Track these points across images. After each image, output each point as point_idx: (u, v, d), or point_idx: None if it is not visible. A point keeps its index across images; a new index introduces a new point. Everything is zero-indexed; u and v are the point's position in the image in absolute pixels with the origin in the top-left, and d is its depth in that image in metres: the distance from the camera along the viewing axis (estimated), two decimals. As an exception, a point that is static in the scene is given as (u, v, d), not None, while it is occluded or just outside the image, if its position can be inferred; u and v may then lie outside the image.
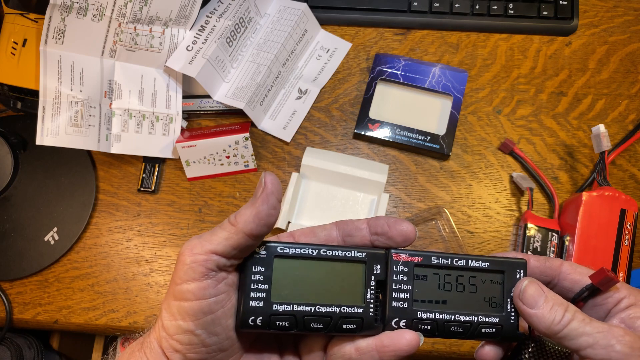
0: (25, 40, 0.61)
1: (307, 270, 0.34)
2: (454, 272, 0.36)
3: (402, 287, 0.35)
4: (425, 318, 0.35)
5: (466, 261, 0.36)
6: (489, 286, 0.36)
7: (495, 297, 0.36)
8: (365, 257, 0.35)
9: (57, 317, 0.61)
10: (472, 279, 0.36)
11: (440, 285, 0.36)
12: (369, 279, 0.35)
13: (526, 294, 0.35)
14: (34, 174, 0.63)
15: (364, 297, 0.34)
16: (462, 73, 0.64)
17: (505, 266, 0.36)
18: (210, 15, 0.61)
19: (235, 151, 0.63)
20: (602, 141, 0.57)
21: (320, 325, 0.34)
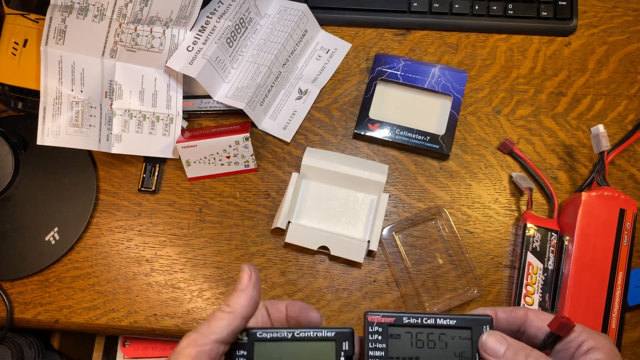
0: (26, 40, 0.61)
1: (284, 351, 0.38)
2: (425, 329, 0.39)
3: (378, 346, 0.38)
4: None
5: (435, 320, 0.39)
6: (458, 342, 0.39)
7: (465, 352, 0.38)
8: (335, 335, 0.38)
9: (57, 316, 0.61)
10: (442, 336, 0.39)
11: (413, 342, 0.38)
12: (339, 355, 0.38)
13: (488, 345, 0.37)
14: (34, 174, 0.64)
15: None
16: (461, 73, 0.65)
17: (472, 323, 0.39)
18: (210, 16, 0.61)
19: (235, 151, 0.63)
20: (602, 141, 0.57)
21: None
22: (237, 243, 0.62)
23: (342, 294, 0.61)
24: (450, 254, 0.61)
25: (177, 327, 0.60)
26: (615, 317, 0.55)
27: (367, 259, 0.61)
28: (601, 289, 0.56)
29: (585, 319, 0.55)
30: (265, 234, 0.62)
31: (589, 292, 0.56)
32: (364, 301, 0.60)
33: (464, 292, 0.60)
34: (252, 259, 0.62)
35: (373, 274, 0.61)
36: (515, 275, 0.59)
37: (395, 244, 0.61)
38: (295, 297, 0.61)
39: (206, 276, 0.62)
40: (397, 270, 0.61)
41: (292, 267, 0.61)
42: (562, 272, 0.57)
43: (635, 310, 0.59)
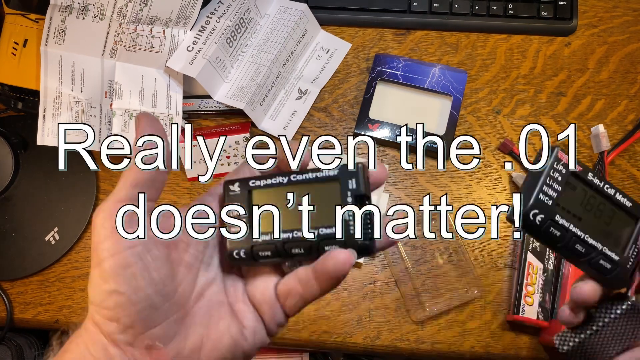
0: (26, 40, 0.61)
1: (283, 199, 0.34)
2: (600, 197, 0.36)
3: (554, 186, 0.36)
4: (560, 224, 0.35)
5: (615, 192, 0.36)
6: (621, 225, 0.36)
7: (622, 238, 0.36)
8: (338, 173, 0.34)
9: (57, 316, 0.61)
10: (611, 211, 0.36)
11: (584, 202, 0.36)
12: (345, 195, 0.34)
13: None
14: (34, 174, 0.64)
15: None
16: (461, 73, 0.65)
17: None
18: (210, 16, 0.61)
19: (235, 151, 0.63)
20: (602, 141, 0.57)
21: (302, 250, 0.33)
22: (237, 243, 0.62)
23: (342, 294, 0.61)
24: (450, 254, 0.61)
25: (177, 327, 0.60)
26: (615, 317, 0.55)
27: (367, 259, 0.61)
28: (601, 289, 0.56)
29: (586, 319, 0.55)
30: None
31: (589, 292, 0.55)
32: (364, 301, 0.60)
33: (464, 292, 0.60)
34: (252, 259, 0.62)
35: (373, 274, 0.61)
36: (515, 275, 0.59)
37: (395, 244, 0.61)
38: (295, 297, 0.61)
39: (206, 276, 0.62)
40: (397, 270, 0.61)
41: (292, 267, 0.61)
42: (562, 272, 0.57)
43: (635, 310, 0.59)
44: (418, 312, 0.59)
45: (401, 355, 0.60)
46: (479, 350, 0.59)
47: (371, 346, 0.59)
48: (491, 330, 0.59)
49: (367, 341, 0.59)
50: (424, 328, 0.59)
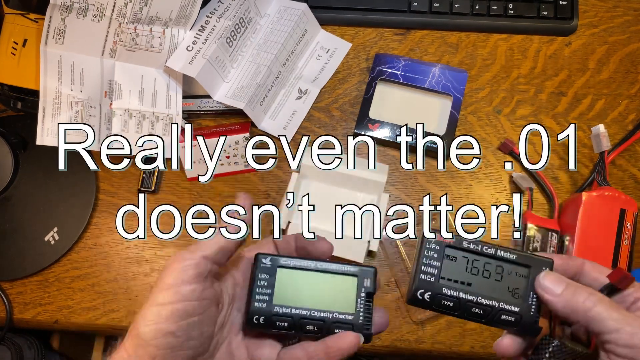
0: (25, 40, 0.61)
1: (306, 280, 0.39)
2: (483, 258, 0.38)
3: (432, 263, 0.38)
4: (449, 295, 0.37)
5: (495, 251, 0.38)
6: (514, 278, 0.38)
7: (519, 289, 0.38)
8: (358, 271, 0.40)
9: (57, 317, 0.61)
10: (499, 268, 0.38)
11: (468, 268, 0.38)
12: (360, 290, 0.39)
13: (545, 282, 0.37)
14: (34, 174, 0.64)
15: (356, 305, 0.39)
16: (462, 73, 0.64)
17: (532, 262, 0.38)
18: (210, 16, 0.61)
19: (235, 151, 0.63)
20: (602, 141, 0.57)
21: (315, 328, 0.38)
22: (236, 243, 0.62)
23: (342, 294, 0.60)
24: (450, 254, 0.61)
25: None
26: (615, 317, 0.55)
27: (367, 259, 0.61)
28: (602, 289, 0.56)
29: (586, 319, 0.55)
30: (266, 234, 0.62)
31: (589, 292, 0.55)
32: (364, 301, 0.60)
33: (464, 292, 0.60)
34: (252, 259, 0.62)
35: (373, 274, 0.61)
36: (516, 275, 0.59)
37: (395, 244, 0.61)
38: (295, 297, 0.60)
39: (206, 276, 0.61)
40: (397, 270, 0.60)
41: (292, 267, 0.61)
42: (562, 272, 0.57)
43: (635, 310, 0.59)
44: (418, 312, 0.59)
45: (401, 355, 0.60)
46: (479, 351, 0.59)
47: (371, 346, 0.59)
48: (491, 331, 0.59)
49: (367, 341, 0.59)
50: (424, 328, 0.59)
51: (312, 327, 0.38)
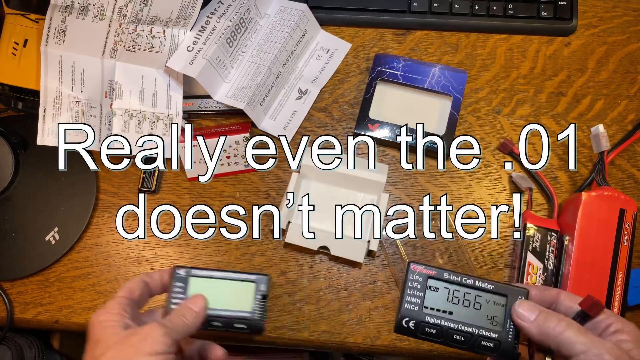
0: (26, 40, 0.61)
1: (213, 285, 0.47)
2: (463, 288, 0.42)
3: (416, 294, 0.42)
4: (432, 323, 0.41)
5: (474, 281, 0.42)
6: (492, 306, 0.41)
7: (497, 317, 0.41)
8: (255, 279, 0.48)
9: (57, 316, 0.61)
10: (478, 297, 0.41)
11: (449, 298, 0.42)
12: (257, 293, 0.47)
13: (520, 310, 0.40)
14: (34, 174, 0.64)
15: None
16: (461, 73, 0.65)
17: (509, 291, 0.42)
18: (210, 16, 0.61)
19: (235, 151, 0.63)
20: (601, 141, 0.57)
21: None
22: (236, 243, 0.62)
23: (342, 294, 0.61)
24: (450, 254, 0.61)
25: (177, 327, 0.60)
26: (615, 317, 0.55)
27: (367, 259, 0.61)
28: (601, 289, 0.56)
29: (585, 319, 0.55)
30: (266, 234, 0.62)
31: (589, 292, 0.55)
32: (364, 301, 0.60)
33: (464, 292, 0.60)
34: (253, 259, 0.62)
35: (373, 274, 0.61)
36: (515, 275, 0.59)
37: (395, 244, 0.61)
38: (295, 297, 0.61)
39: (206, 276, 0.62)
40: (397, 270, 0.61)
41: (292, 267, 0.61)
42: (562, 272, 0.57)
43: (635, 310, 0.59)
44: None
45: (401, 355, 0.60)
46: (478, 350, 0.59)
47: (371, 346, 0.59)
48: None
49: (367, 341, 0.59)
50: (424, 328, 0.59)
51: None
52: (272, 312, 0.60)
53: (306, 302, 0.60)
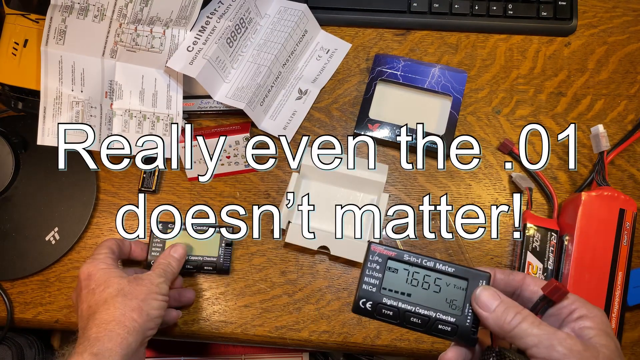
0: (26, 40, 0.61)
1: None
2: (422, 271, 0.41)
3: (374, 275, 0.41)
4: (389, 304, 0.40)
5: (434, 264, 0.41)
6: (452, 290, 0.40)
7: (456, 301, 0.40)
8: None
9: (58, 316, 0.61)
10: (438, 280, 0.41)
11: (408, 280, 0.41)
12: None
13: (481, 299, 0.39)
14: (35, 174, 0.64)
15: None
16: (461, 73, 0.65)
17: (470, 275, 0.41)
18: (210, 16, 0.61)
19: (235, 151, 0.63)
20: (601, 141, 0.57)
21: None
22: (236, 243, 0.62)
23: (342, 294, 0.61)
24: (450, 254, 0.61)
25: (177, 327, 0.60)
26: (615, 316, 0.55)
27: (367, 259, 0.61)
28: (601, 288, 0.56)
29: (585, 319, 0.55)
30: (266, 234, 0.62)
31: (588, 291, 0.56)
32: (364, 301, 0.60)
33: (464, 292, 0.60)
34: (252, 259, 0.62)
35: (373, 273, 0.61)
36: (515, 275, 0.59)
37: (395, 244, 0.61)
38: (295, 297, 0.61)
39: (206, 276, 0.62)
40: (397, 270, 0.61)
41: (292, 267, 0.62)
42: (562, 272, 0.57)
43: (635, 310, 0.59)
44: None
45: (401, 355, 0.60)
46: (478, 350, 0.59)
47: (371, 346, 0.59)
48: (491, 330, 0.59)
49: (367, 341, 0.59)
50: (423, 328, 0.60)
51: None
52: (272, 312, 0.60)
53: (306, 302, 0.60)
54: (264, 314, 0.60)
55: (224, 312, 0.61)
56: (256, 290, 0.61)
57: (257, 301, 0.61)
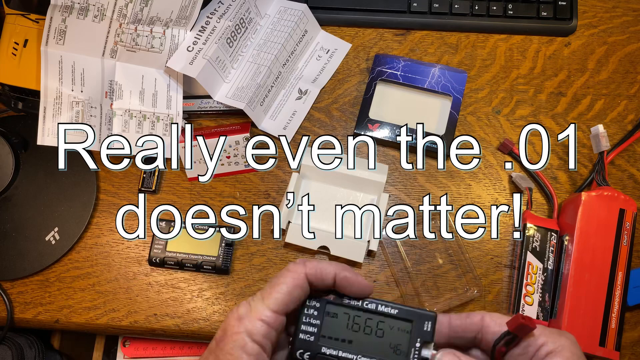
0: (26, 40, 0.61)
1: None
2: (364, 314, 0.37)
3: (312, 322, 0.37)
4: (329, 354, 0.37)
5: (376, 305, 0.37)
6: (396, 333, 0.37)
7: (401, 345, 0.37)
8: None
9: (58, 316, 0.61)
10: (381, 323, 0.37)
11: (349, 325, 0.37)
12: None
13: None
14: (35, 174, 0.64)
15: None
16: (461, 73, 0.65)
17: (414, 316, 0.37)
18: (210, 16, 0.61)
19: (235, 151, 0.63)
20: (601, 141, 0.57)
21: (191, 266, 0.49)
22: (237, 243, 0.62)
23: (342, 294, 0.61)
24: (450, 253, 0.61)
25: (177, 327, 0.61)
26: (615, 316, 0.55)
27: (367, 259, 0.62)
28: (601, 288, 0.56)
29: (585, 319, 0.55)
30: (266, 234, 0.62)
31: (588, 291, 0.56)
32: (364, 301, 0.60)
33: (464, 292, 0.60)
34: (252, 259, 0.62)
35: (373, 273, 0.61)
36: (515, 275, 0.59)
37: (395, 244, 0.61)
38: (295, 297, 0.61)
39: (206, 276, 0.62)
40: (397, 270, 0.61)
41: (292, 267, 0.61)
42: (562, 272, 0.57)
43: (635, 310, 0.59)
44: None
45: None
46: (478, 350, 0.59)
47: (371, 346, 0.59)
48: (491, 330, 0.59)
49: (367, 341, 0.59)
50: (423, 328, 0.59)
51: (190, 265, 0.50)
52: (272, 312, 0.60)
53: (306, 302, 0.60)
54: (264, 314, 0.60)
55: (224, 312, 0.61)
56: (256, 290, 0.61)
57: (257, 301, 0.61)
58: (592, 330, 0.55)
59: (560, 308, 0.56)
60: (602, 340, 0.55)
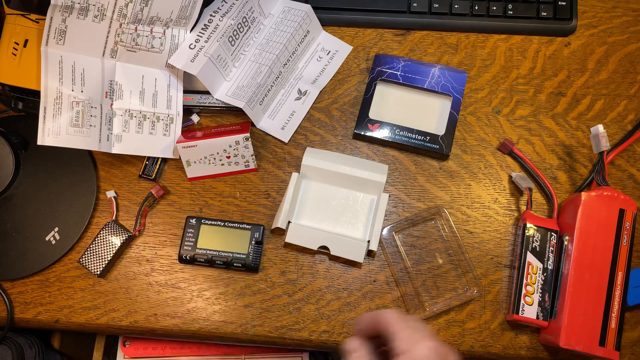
0: (26, 40, 0.61)
1: (218, 231, 0.61)
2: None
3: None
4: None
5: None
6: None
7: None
8: (250, 227, 0.61)
9: (58, 316, 0.61)
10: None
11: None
12: (252, 239, 0.61)
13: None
14: (35, 174, 0.64)
15: (248, 248, 0.60)
16: (461, 74, 0.65)
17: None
18: (213, 14, 0.61)
19: (235, 151, 0.63)
20: (601, 141, 0.57)
21: (222, 263, 0.60)
22: (237, 243, 0.62)
23: (342, 294, 0.61)
24: (450, 253, 0.61)
25: (177, 327, 0.61)
26: (614, 316, 0.55)
27: (367, 259, 0.62)
28: (601, 288, 0.56)
29: (585, 319, 0.55)
30: (266, 234, 0.62)
31: (588, 291, 0.56)
32: (364, 301, 0.60)
33: (464, 292, 0.60)
34: (252, 259, 0.62)
35: (373, 273, 0.61)
36: (515, 275, 0.59)
37: (395, 243, 0.61)
38: (295, 297, 0.61)
39: (206, 276, 0.62)
40: (397, 270, 0.61)
41: (292, 267, 0.62)
42: (561, 272, 0.57)
43: (634, 310, 0.59)
44: (418, 312, 0.59)
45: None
46: (478, 350, 0.59)
47: (371, 346, 0.59)
48: (491, 330, 0.59)
49: (367, 341, 0.59)
50: (423, 328, 0.60)
51: (220, 263, 0.60)
52: (272, 312, 0.60)
53: (306, 302, 0.61)
54: (264, 314, 0.60)
55: (224, 312, 0.61)
56: (256, 290, 0.61)
57: (257, 301, 0.61)
58: (592, 330, 0.55)
59: (560, 308, 0.56)
60: (602, 340, 0.55)
